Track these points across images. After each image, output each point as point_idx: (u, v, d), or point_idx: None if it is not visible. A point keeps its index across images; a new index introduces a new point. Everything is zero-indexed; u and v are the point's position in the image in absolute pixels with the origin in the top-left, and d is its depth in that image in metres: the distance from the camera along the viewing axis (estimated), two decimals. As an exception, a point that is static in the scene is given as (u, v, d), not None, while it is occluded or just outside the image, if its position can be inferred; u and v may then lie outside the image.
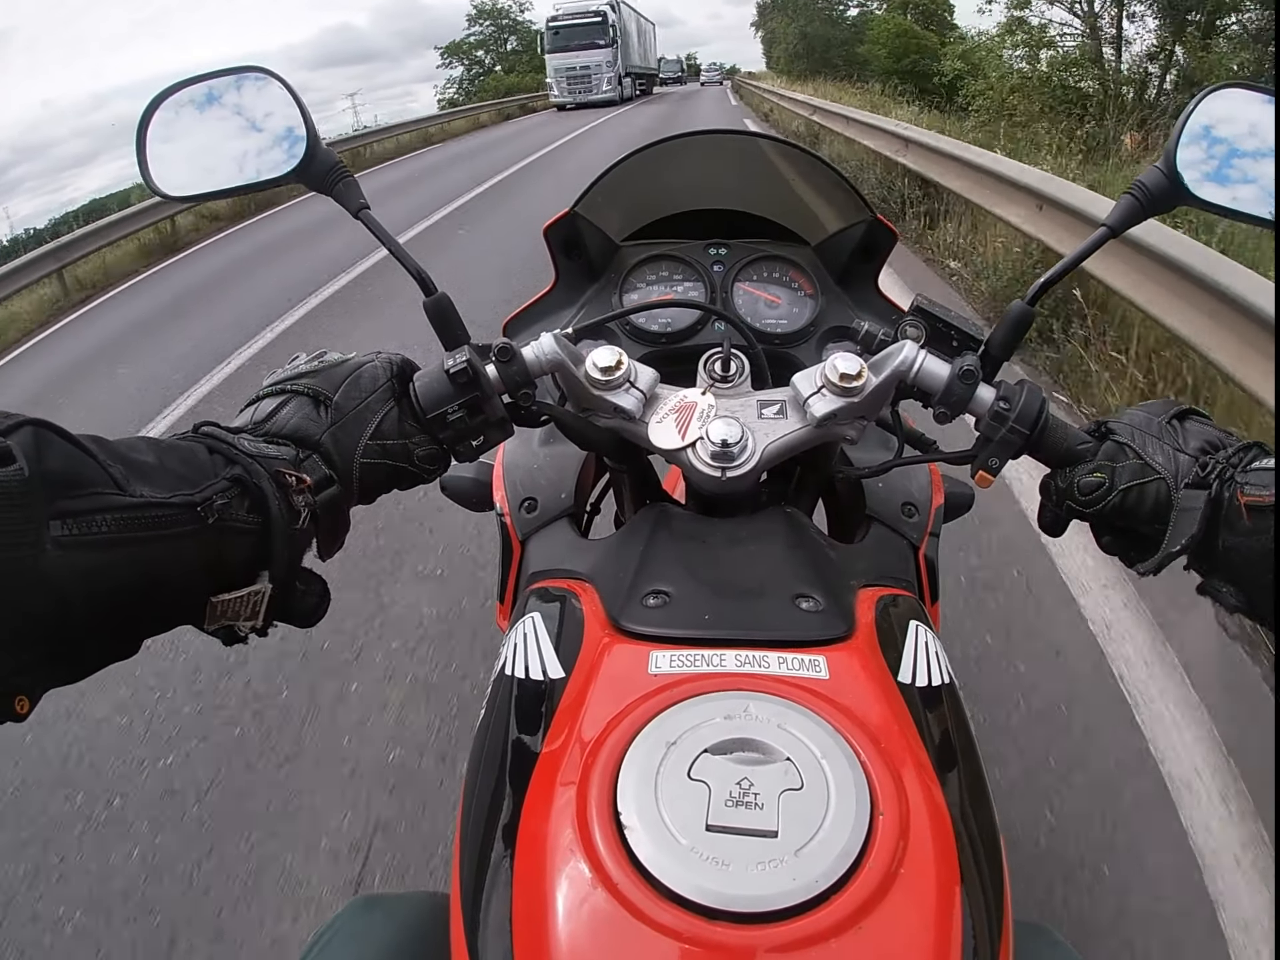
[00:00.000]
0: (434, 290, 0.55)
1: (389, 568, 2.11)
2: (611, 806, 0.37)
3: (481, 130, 18.62)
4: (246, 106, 0.59)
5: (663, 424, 0.53)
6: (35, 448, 0.32)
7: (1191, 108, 0.58)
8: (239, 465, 0.42)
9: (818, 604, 0.47)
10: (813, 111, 9.10)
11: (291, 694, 1.72)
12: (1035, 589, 1.84)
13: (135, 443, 0.39)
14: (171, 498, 0.37)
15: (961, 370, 0.52)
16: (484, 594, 1.93)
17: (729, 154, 0.77)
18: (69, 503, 0.33)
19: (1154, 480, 0.48)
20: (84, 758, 1.64)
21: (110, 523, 0.34)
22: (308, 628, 0.47)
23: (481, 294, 4.02)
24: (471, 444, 0.52)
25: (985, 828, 0.42)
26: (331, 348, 0.53)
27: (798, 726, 0.39)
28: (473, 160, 11.29)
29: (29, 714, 0.34)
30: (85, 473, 0.35)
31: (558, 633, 0.50)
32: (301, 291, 5.16)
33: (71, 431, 0.35)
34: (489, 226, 6.40)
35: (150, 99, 0.61)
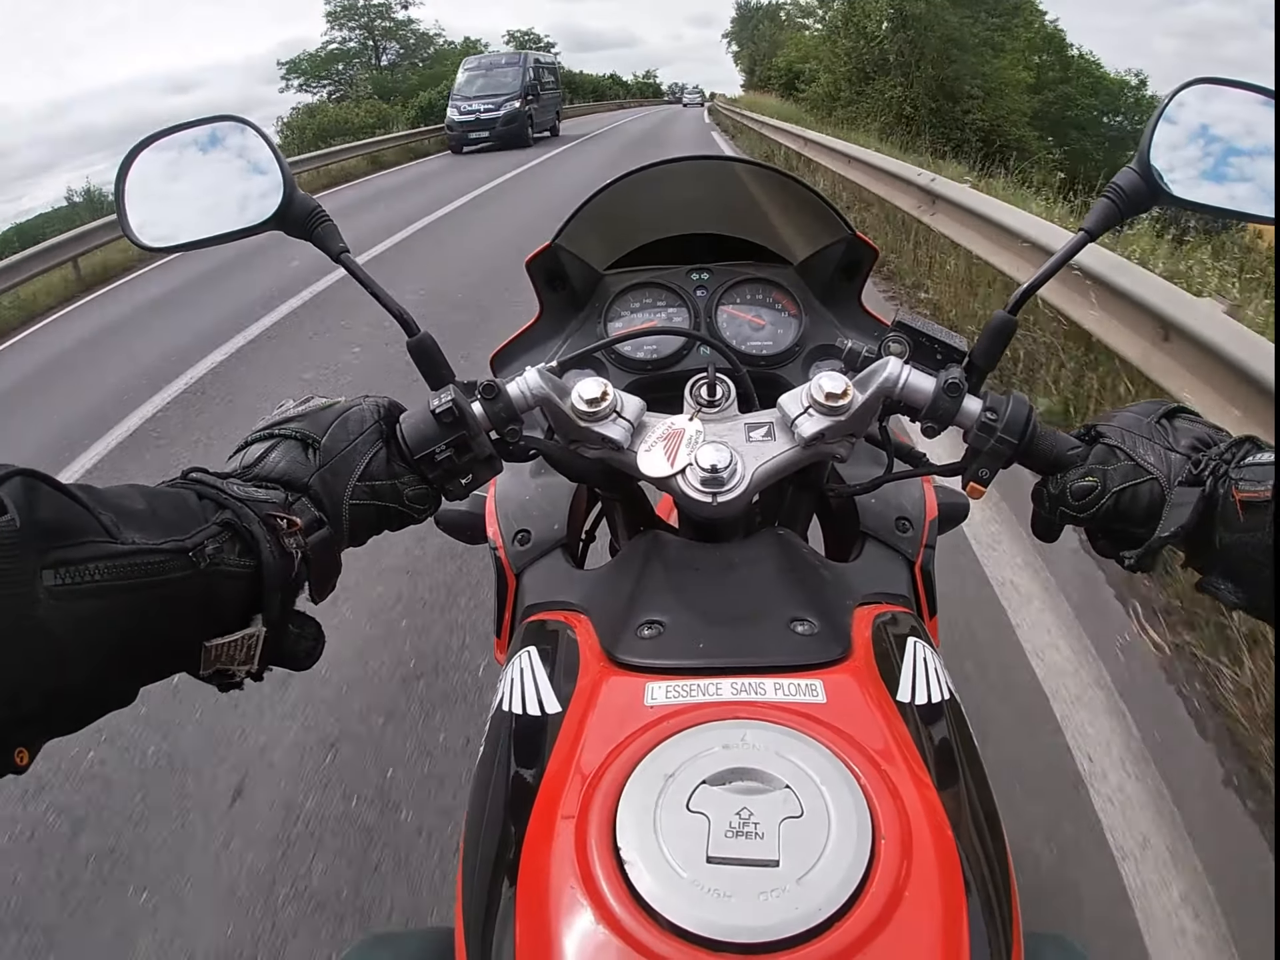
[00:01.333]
0: (417, 331, 0.55)
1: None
2: (611, 841, 0.36)
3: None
4: (223, 156, 0.60)
5: (651, 452, 0.53)
6: (26, 497, 0.32)
7: (1163, 106, 0.59)
8: (229, 510, 0.42)
9: (813, 626, 0.47)
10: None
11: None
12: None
13: (125, 490, 0.40)
14: (163, 544, 0.38)
15: (947, 383, 0.52)
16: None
17: (707, 178, 0.77)
18: (61, 552, 0.33)
19: (1146, 480, 0.48)
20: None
21: (103, 570, 0.35)
22: (303, 670, 0.47)
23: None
24: (460, 482, 0.52)
25: (991, 843, 0.42)
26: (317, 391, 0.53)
27: (796, 753, 0.39)
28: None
29: (29, 766, 0.34)
30: (76, 521, 0.35)
31: (554, 667, 0.50)
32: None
33: (61, 480, 0.35)
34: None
35: (128, 150, 0.61)
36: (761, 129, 12.15)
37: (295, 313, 5.16)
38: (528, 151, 15.20)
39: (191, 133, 0.62)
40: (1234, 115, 0.60)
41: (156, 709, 1.74)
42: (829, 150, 7.12)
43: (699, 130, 19.40)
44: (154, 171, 0.61)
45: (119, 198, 0.60)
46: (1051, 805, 1.38)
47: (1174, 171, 0.58)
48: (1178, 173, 0.58)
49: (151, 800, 1.57)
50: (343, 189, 11.98)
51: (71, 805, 1.58)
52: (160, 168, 0.61)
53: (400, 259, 6.42)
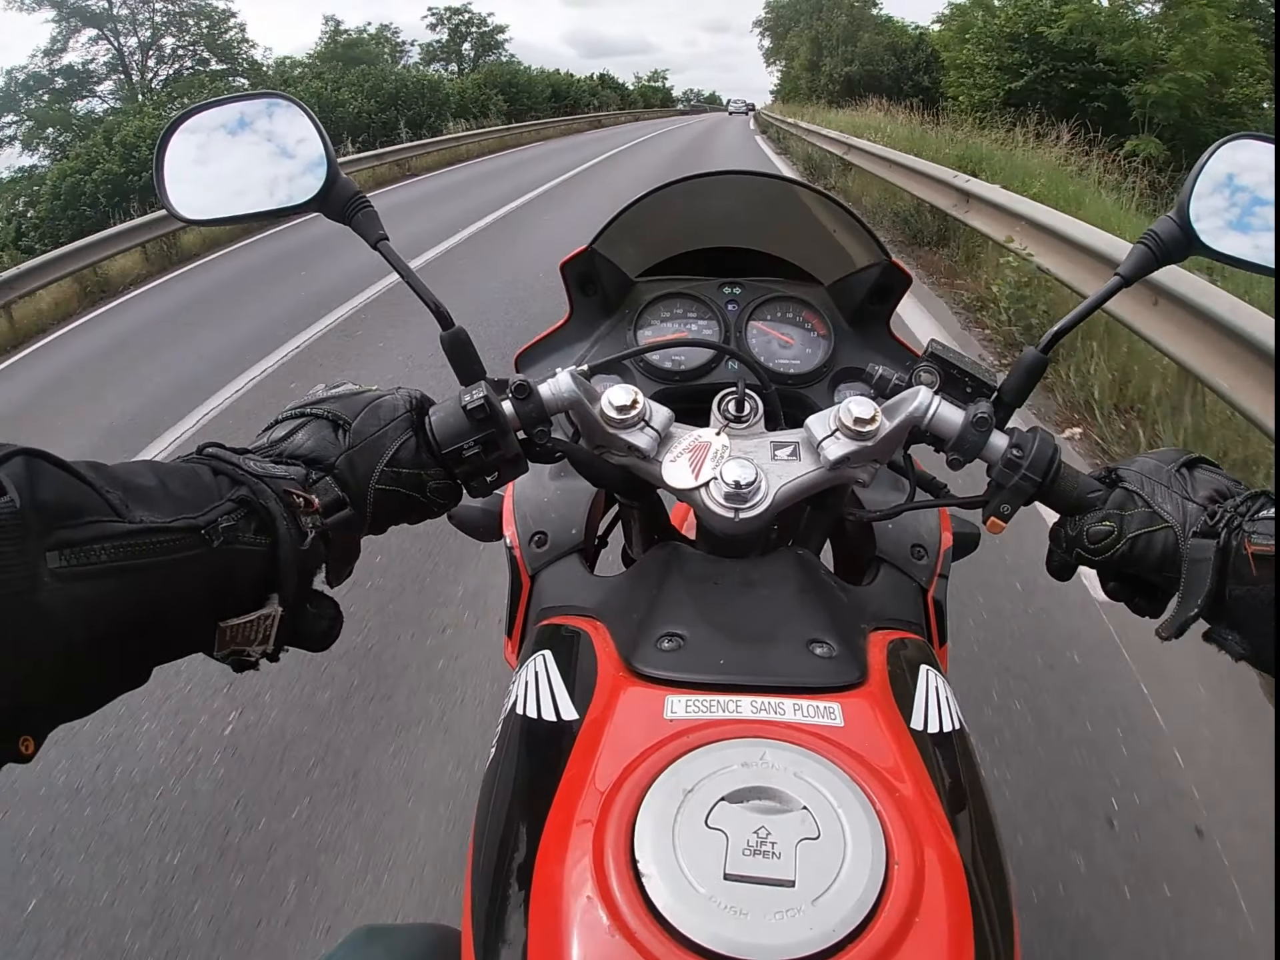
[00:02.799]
0: (451, 324, 0.55)
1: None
2: (629, 853, 0.37)
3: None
4: (268, 132, 0.60)
5: (676, 463, 0.53)
6: (27, 478, 0.32)
7: (1206, 158, 0.59)
8: (245, 486, 0.41)
9: (831, 649, 0.48)
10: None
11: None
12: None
13: (136, 467, 0.39)
14: (173, 521, 0.37)
15: (975, 417, 0.52)
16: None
17: (744, 193, 0.77)
18: (66, 532, 0.32)
19: (1162, 529, 0.49)
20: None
21: (110, 551, 0.34)
22: (320, 651, 0.47)
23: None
24: (486, 479, 0.52)
25: (996, 875, 0.42)
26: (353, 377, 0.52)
27: (814, 775, 0.39)
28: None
29: (35, 754, 0.33)
30: (81, 501, 0.34)
31: (570, 672, 0.50)
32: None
33: (68, 459, 0.34)
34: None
35: (169, 121, 0.61)
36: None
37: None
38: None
39: (233, 107, 0.61)
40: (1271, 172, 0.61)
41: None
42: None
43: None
44: (193, 144, 0.61)
45: (158, 168, 0.60)
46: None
47: (1211, 224, 0.58)
48: (1215, 225, 0.58)
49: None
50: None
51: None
52: (200, 141, 0.61)
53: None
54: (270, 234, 8.93)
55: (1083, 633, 1.90)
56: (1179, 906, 1.29)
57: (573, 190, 10.31)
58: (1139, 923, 1.28)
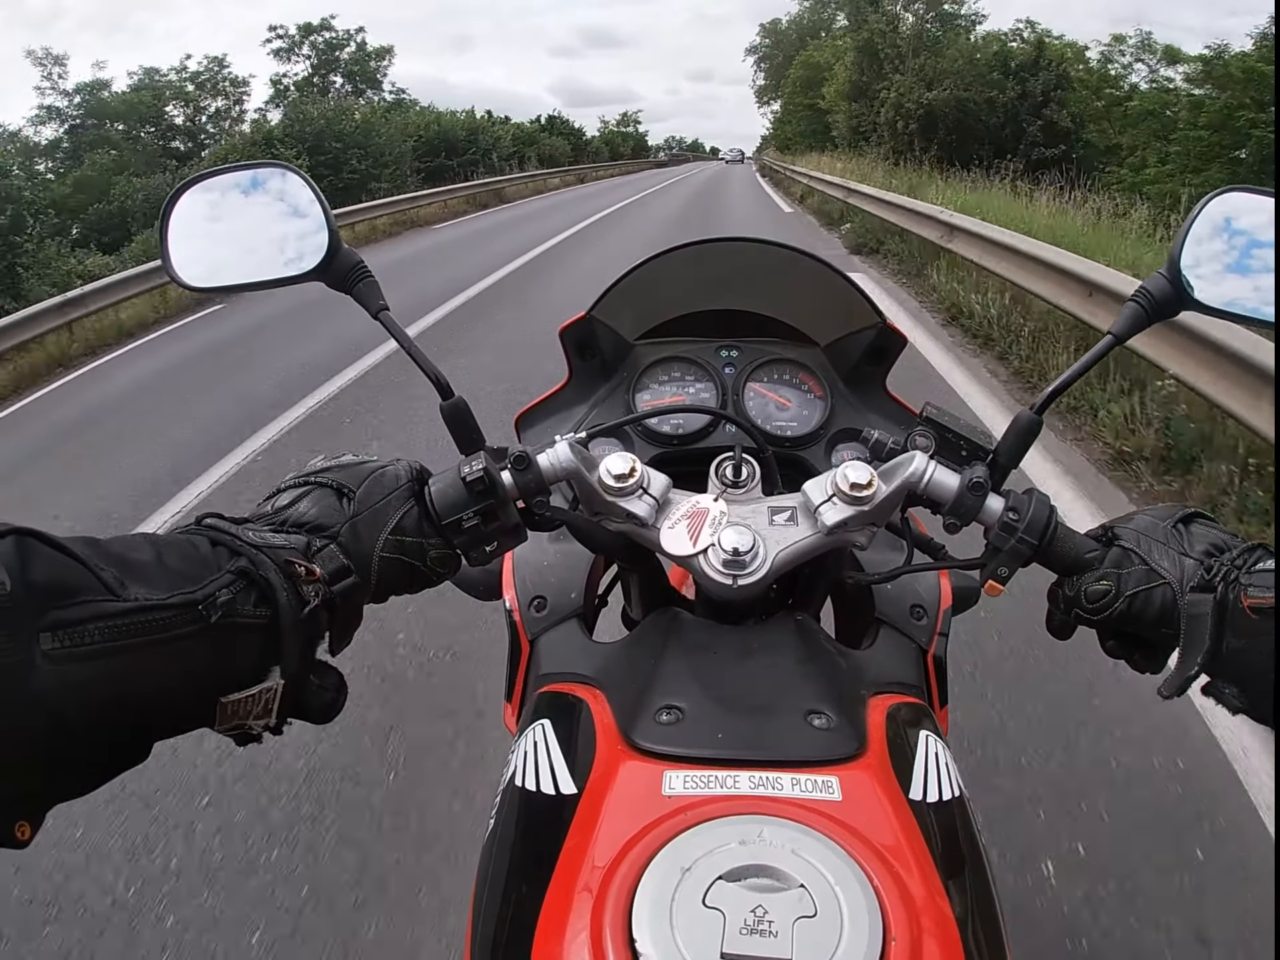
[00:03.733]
0: (451, 395, 0.56)
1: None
2: (626, 932, 0.37)
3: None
4: (270, 203, 0.61)
5: (675, 530, 0.54)
6: (18, 558, 0.31)
7: (1195, 213, 0.60)
8: (244, 557, 0.41)
9: (829, 720, 0.48)
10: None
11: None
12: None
13: (132, 541, 0.39)
14: (169, 598, 0.36)
15: (971, 482, 0.52)
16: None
17: (740, 258, 0.78)
18: (59, 613, 0.32)
19: (1159, 585, 0.49)
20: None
21: (104, 631, 0.33)
22: (324, 723, 0.46)
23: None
24: (485, 549, 0.52)
25: (994, 945, 0.42)
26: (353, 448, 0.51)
27: (811, 852, 0.40)
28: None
29: (31, 840, 0.32)
30: (74, 580, 0.33)
31: (569, 744, 0.51)
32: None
33: (60, 537, 0.34)
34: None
35: (174, 188, 0.62)
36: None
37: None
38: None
39: (235, 176, 0.62)
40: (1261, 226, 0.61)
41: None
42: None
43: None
44: (198, 212, 0.62)
45: (162, 236, 0.61)
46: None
47: (1202, 279, 0.59)
48: (1206, 280, 0.59)
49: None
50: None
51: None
52: (204, 209, 0.62)
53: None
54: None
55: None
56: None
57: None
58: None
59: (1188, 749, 1.63)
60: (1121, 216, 6.84)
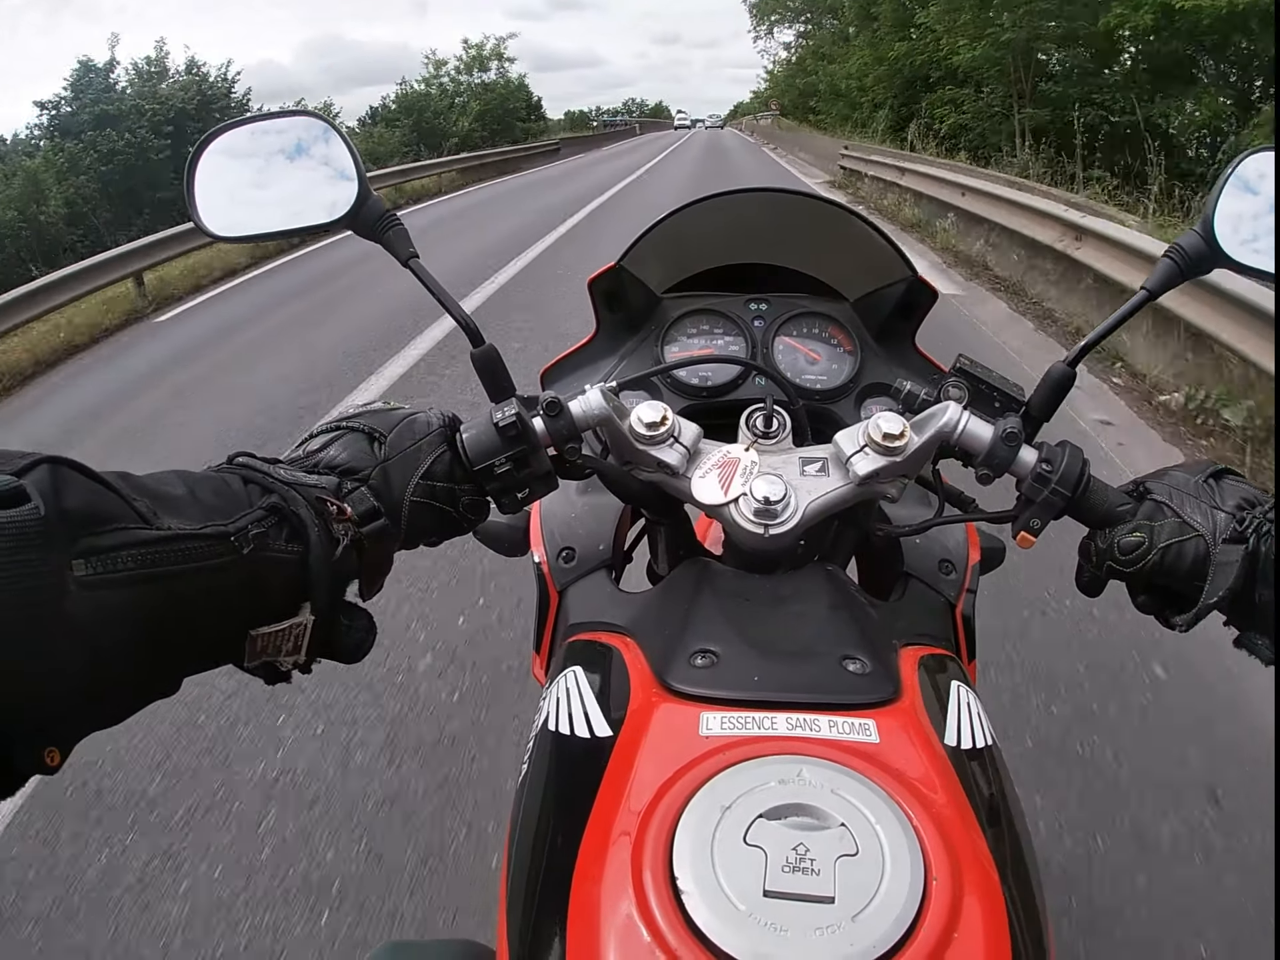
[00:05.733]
0: (482, 342, 0.56)
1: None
2: (668, 871, 0.37)
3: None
4: (298, 151, 0.60)
5: (705, 479, 0.54)
6: (52, 485, 0.31)
7: (1229, 171, 0.59)
8: (275, 494, 0.41)
9: (864, 665, 0.48)
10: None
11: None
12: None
13: (165, 476, 0.39)
14: (203, 529, 0.36)
15: (1005, 432, 0.52)
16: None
17: (769, 210, 0.77)
18: (92, 540, 0.32)
19: (1192, 538, 0.49)
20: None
21: (137, 558, 0.33)
22: (353, 663, 0.46)
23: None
24: (517, 496, 0.52)
25: (1029, 889, 0.43)
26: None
27: (851, 792, 0.40)
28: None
29: (61, 766, 0.33)
30: (108, 508, 0.33)
31: (603, 689, 0.51)
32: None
33: (95, 467, 0.34)
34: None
35: (200, 138, 0.61)
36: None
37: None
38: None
39: (264, 125, 0.62)
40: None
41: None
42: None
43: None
44: (224, 162, 0.61)
45: (189, 184, 0.61)
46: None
47: (1235, 236, 0.58)
48: (1239, 238, 0.59)
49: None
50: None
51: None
52: (231, 158, 0.62)
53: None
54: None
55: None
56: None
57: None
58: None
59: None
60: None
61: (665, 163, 20.15)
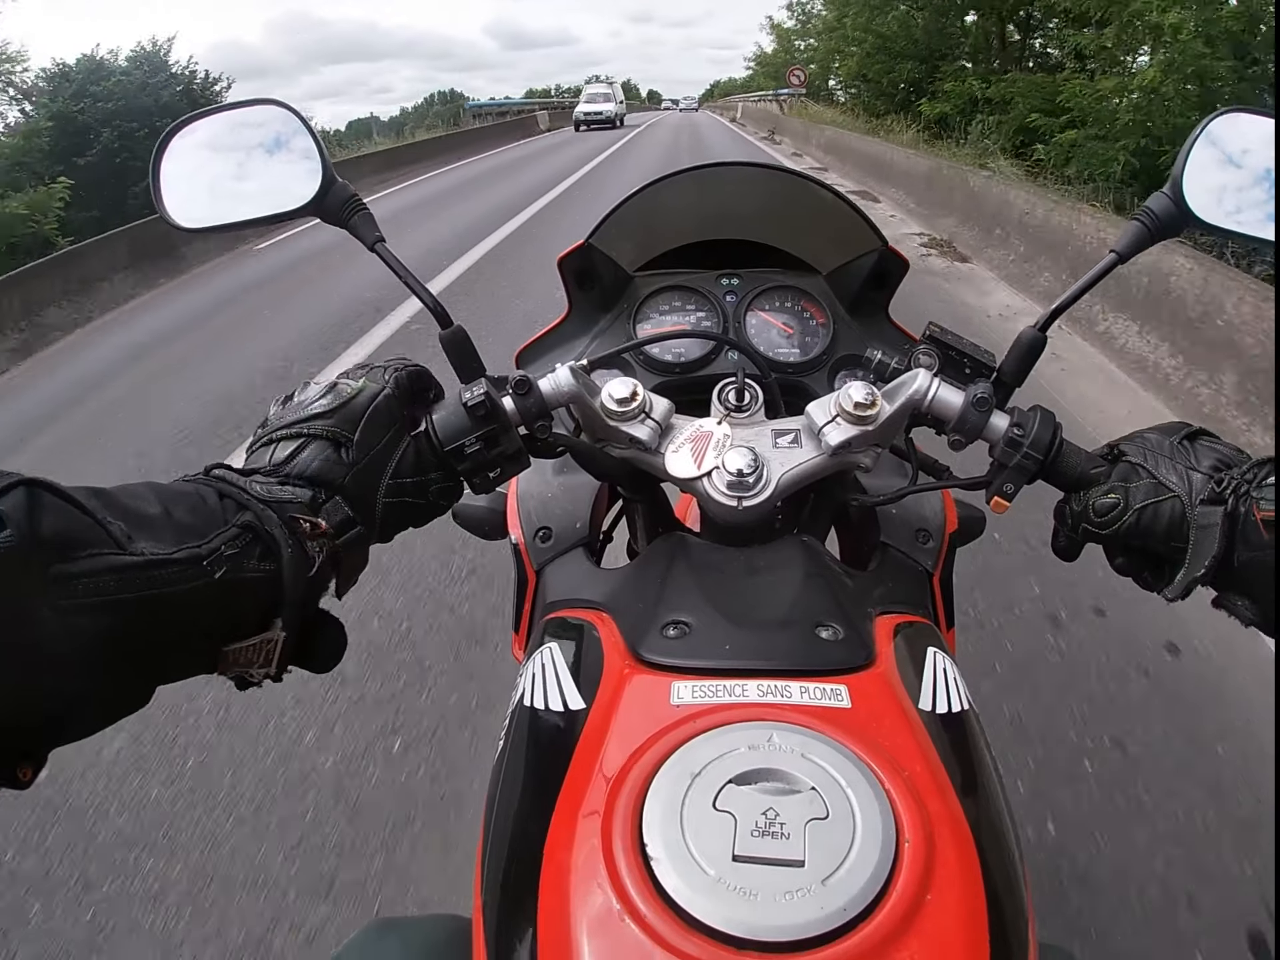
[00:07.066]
0: (450, 323, 0.56)
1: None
2: (637, 838, 0.37)
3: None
4: (261, 139, 0.60)
5: (679, 454, 0.54)
6: (27, 510, 0.31)
7: (1198, 132, 0.59)
8: (250, 511, 0.41)
9: (837, 632, 0.48)
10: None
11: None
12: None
13: (140, 491, 0.39)
14: (175, 553, 0.36)
15: (975, 398, 0.52)
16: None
17: (740, 185, 0.77)
18: (65, 566, 0.32)
19: (1169, 499, 0.49)
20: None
21: (109, 584, 0.33)
22: (324, 673, 0.46)
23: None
24: (488, 476, 0.52)
25: (1006, 851, 0.42)
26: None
27: (821, 755, 0.39)
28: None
29: (34, 781, 0.33)
30: (82, 533, 0.33)
31: (577, 663, 0.50)
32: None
33: (68, 486, 0.34)
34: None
35: (164, 130, 0.61)
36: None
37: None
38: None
39: (228, 115, 0.62)
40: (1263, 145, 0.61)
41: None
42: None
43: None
44: (190, 153, 0.61)
45: (154, 177, 0.60)
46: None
47: (1205, 197, 0.58)
48: (1208, 199, 0.58)
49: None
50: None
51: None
52: (196, 150, 0.61)
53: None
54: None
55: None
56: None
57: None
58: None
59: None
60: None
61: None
